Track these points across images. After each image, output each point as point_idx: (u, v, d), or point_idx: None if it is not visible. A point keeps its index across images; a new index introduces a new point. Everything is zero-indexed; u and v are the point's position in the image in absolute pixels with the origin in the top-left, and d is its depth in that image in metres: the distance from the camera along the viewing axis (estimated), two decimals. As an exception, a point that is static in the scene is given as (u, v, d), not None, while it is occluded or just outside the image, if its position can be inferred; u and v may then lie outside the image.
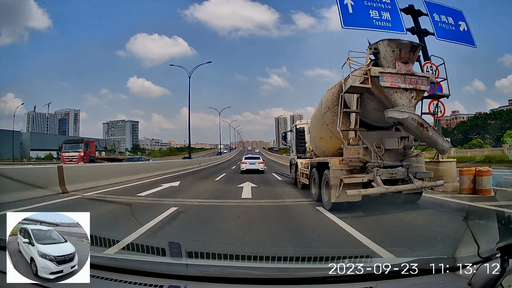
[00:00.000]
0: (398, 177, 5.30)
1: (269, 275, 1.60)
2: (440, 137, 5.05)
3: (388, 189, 5.03)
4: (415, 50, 5.09)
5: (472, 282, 1.30)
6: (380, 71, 4.91)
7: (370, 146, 5.35)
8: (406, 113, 4.73)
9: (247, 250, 3.33)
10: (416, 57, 5.21)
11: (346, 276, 1.44)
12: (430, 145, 5.32)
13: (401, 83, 4.89)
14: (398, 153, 5.57)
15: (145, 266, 1.65)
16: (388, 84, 4.86)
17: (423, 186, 5.36)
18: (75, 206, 6.30)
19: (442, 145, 5.01)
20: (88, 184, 8.83)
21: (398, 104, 4.86)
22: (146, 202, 6.65)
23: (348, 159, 5.34)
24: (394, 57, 4.97)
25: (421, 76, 5.09)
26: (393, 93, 4.90)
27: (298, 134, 10.20)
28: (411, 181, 5.19)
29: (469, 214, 3.37)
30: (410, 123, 4.77)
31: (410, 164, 5.45)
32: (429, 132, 4.91)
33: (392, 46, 4.98)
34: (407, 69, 4.97)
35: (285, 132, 13.18)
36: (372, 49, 5.10)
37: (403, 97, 4.90)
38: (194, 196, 7.75)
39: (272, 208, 6.20)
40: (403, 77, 4.92)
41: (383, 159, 5.33)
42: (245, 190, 8.79)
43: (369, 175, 5.15)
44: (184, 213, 5.32)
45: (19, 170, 8.14)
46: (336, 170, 5.32)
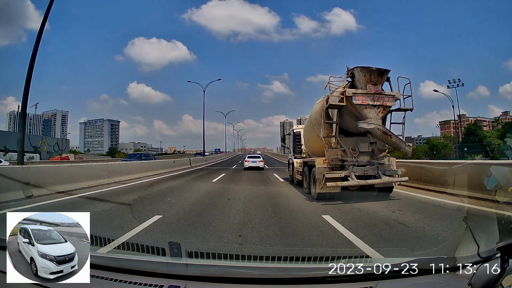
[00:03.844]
0: (370, 173, 6.50)
1: (269, 275, 1.60)
2: (403, 142, 6.45)
3: (359, 182, 6.36)
4: (383, 74, 6.40)
5: (472, 282, 1.30)
6: (353, 92, 6.23)
7: (347, 149, 6.68)
8: (373, 124, 6.10)
9: (247, 250, 3.33)
10: (384, 79, 6.46)
11: (346, 276, 1.43)
12: (395, 148, 6.59)
13: (370, 101, 6.22)
14: (369, 154, 6.82)
15: (145, 266, 1.64)
16: (359, 102, 6.21)
17: (390, 181, 6.52)
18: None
19: (405, 149, 6.44)
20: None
21: (368, 117, 6.21)
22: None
23: (330, 158, 6.71)
24: (366, 80, 6.28)
25: (387, 95, 6.39)
26: (363, 108, 6.24)
27: (295, 137, 11.18)
28: (380, 177, 6.41)
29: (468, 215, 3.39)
30: (376, 132, 6.13)
31: (382, 163, 6.68)
32: (393, 139, 6.29)
33: (364, 72, 6.28)
34: (376, 89, 6.31)
35: (284, 135, 14.54)
36: (349, 73, 6.47)
37: (371, 111, 6.24)
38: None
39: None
40: (372, 96, 6.24)
41: (357, 159, 6.60)
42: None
43: (346, 172, 6.45)
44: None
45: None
46: (320, 167, 6.63)
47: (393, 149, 6.80)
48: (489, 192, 4.63)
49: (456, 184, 7.06)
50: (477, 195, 5.73)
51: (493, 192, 6.16)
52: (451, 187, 7.10)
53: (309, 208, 5.84)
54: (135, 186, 9.87)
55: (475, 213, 4.79)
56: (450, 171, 7.71)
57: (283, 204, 6.43)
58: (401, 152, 6.69)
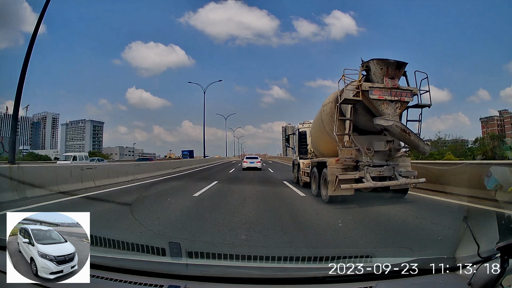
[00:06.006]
0: (386, 174, 6.07)
1: (269, 275, 1.60)
2: (421, 141, 5.96)
3: (376, 184, 5.84)
4: (401, 67, 5.92)
5: (472, 282, 1.29)
6: (370, 86, 5.76)
7: (362, 148, 6.16)
8: (391, 121, 5.64)
9: (247, 250, 3.33)
10: (401, 73, 6.00)
11: (346, 276, 1.43)
12: (413, 147, 6.14)
13: (387, 96, 5.75)
14: (386, 154, 6.34)
15: (145, 266, 1.64)
16: (376, 96, 5.74)
17: (407, 182, 6.06)
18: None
19: (423, 147, 5.95)
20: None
21: (385, 113, 5.75)
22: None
23: (343, 159, 6.20)
24: (382, 74, 5.82)
25: (405, 90, 5.92)
26: (380, 104, 5.78)
27: (300, 137, 10.86)
28: (397, 178, 5.98)
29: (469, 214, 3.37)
30: (394, 129, 5.68)
31: (397, 164, 6.24)
32: (411, 137, 5.83)
33: (380, 64, 5.85)
34: (394, 83, 5.82)
35: (288, 135, 14.28)
36: (364, 66, 6.01)
37: (389, 107, 5.77)
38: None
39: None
40: (390, 90, 5.77)
41: (372, 159, 6.13)
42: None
43: (360, 173, 5.99)
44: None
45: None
46: (333, 168, 6.11)
47: (410, 149, 6.36)
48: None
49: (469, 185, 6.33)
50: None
51: (493, 192, 6.13)
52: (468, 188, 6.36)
53: (327, 214, 5.13)
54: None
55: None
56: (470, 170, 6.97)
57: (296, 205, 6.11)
58: (419, 152, 6.23)
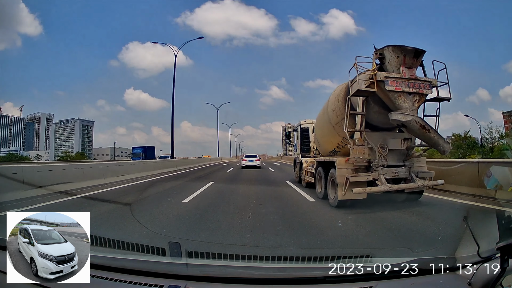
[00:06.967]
0: (401, 176, 5.45)
1: (269, 275, 1.60)
2: (441, 138, 5.28)
3: (391, 187, 5.20)
4: (419, 56, 5.25)
5: (472, 282, 1.29)
6: (385, 75, 5.08)
7: (375, 147, 5.48)
8: (410, 116, 4.95)
9: (247, 250, 3.33)
10: (419, 63, 5.36)
11: (346, 276, 1.44)
12: (431, 146, 5.50)
13: (405, 87, 5.08)
14: (401, 153, 5.71)
15: (145, 266, 1.64)
16: (393, 88, 5.06)
17: (425, 185, 5.52)
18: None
19: (443, 146, 5.26)
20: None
21: (402, 107, 5.06)
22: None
23: (353, 158, 5.53)
24: (398, 62, 5.14)
25: (424, 81, 5.25)
26: (397, 96, 5.09)
27: (303, 133, 10.30)
28: (413, 180, 5.35)
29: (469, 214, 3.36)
30: (413, 125, 5.01)
31: (412, 164, 5.60)
32: (431, 134, 5.16)
33: (397, 52, 5.15)
34: (411, 73, 5.15)
35: (289, 131, 13.31)
36: (377, 54, 5.29)
37: (406, 100, 5.09)
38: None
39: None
40: (407, 81, 5.10)
41: (387, 159, 5.46)
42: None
43: (374, 174, 5.33)
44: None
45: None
46: (342, 169, 5.51)
47: (429, 147, 5.74)
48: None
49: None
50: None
51: (494, 192, 6.10)
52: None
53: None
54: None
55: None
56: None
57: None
58: (438, 151, 5.59)
